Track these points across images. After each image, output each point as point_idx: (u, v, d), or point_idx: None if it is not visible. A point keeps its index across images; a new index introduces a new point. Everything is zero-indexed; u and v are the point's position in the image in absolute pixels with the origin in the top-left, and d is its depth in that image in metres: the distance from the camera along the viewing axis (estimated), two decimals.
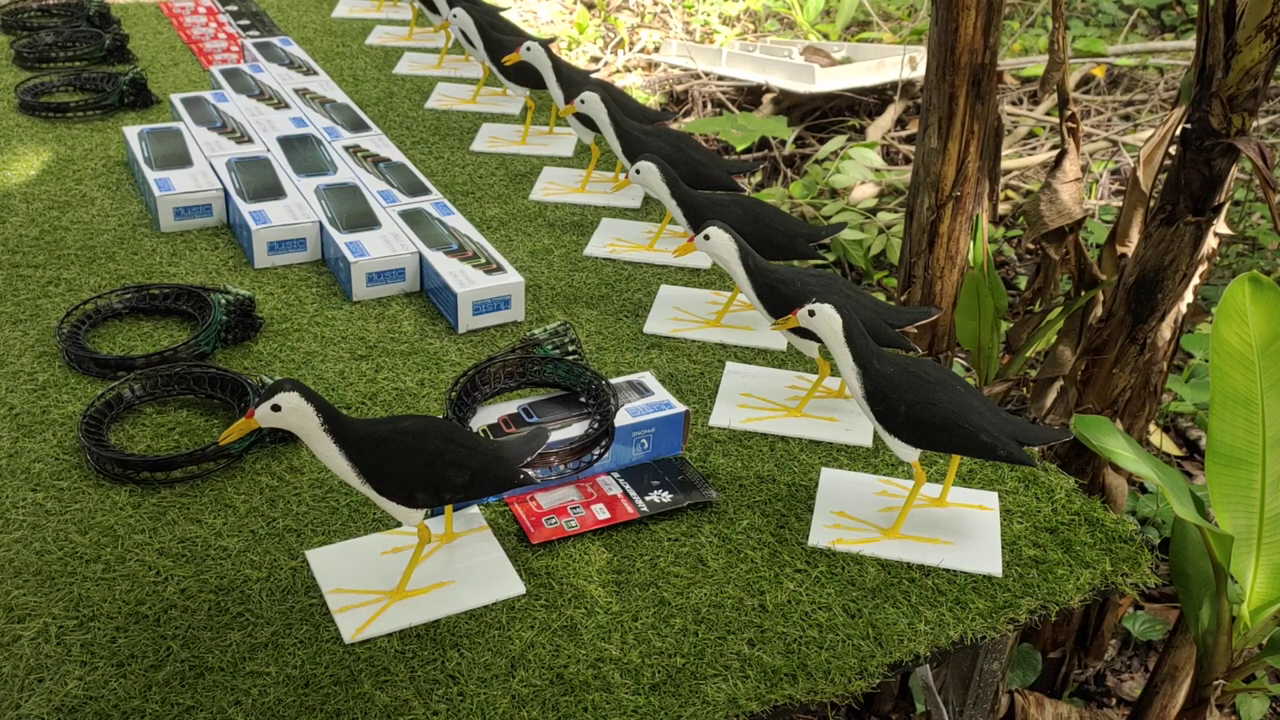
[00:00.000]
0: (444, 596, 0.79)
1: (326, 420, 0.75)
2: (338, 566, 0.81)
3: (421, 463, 0.78)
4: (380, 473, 0.77)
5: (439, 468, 0.78)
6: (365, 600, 0.78)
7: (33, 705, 0.68)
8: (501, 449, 0.82)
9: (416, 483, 0.78)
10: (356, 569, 0.81)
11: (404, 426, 0.79)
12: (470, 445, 0.80)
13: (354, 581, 0.80)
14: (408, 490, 0.78)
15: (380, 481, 0.77)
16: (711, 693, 0.71)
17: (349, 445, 0.76)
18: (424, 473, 0.78)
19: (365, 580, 0.80)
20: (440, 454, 0.78)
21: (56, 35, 1.67)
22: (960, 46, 1.38)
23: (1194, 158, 1.23)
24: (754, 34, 3.76)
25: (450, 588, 0.80)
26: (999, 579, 0.82)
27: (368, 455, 0.77)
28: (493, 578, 0.81)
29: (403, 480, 0.78)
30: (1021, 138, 3.02)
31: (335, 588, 0.79)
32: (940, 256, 1.50)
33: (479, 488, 0.79)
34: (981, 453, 0.80)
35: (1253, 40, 1.15)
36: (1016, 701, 1.23)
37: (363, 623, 0.76)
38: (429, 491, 0.78)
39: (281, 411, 0.74)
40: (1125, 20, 3.64)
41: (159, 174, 1.25)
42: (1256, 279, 1.01)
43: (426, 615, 0.77)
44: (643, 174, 1.10)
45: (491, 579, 0.81)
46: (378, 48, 1.79)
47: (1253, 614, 1.03)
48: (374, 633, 0.75)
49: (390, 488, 0.77)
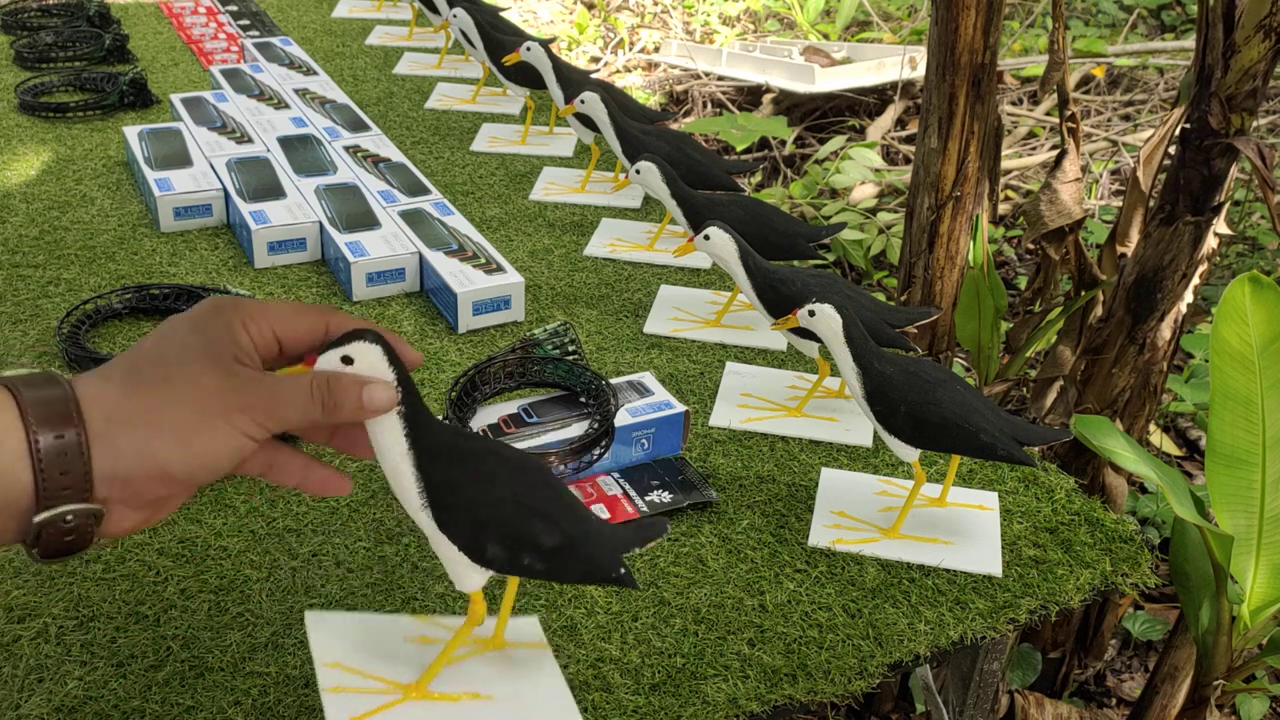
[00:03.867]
0: (476, 713, 0.62)
1: (407, 404, 0.58)
2: (343, 638, 0.65)
3: (508, 503, 0.60)
4: (451, 501, 0.59)
5: (528, 518, 0.61)
6: (369, 688, 0.62)
7: (33, 705, 0.68)
8: (607, 526, 0.65)
9: (494, 528, 0.60)
10: (368, 647, 0.65)
11: (500, 449, 0.62)
12: (571, 505, 0.63)
13: (360, 661, 0.63)
14: (477, 535, 0.60)
15: (448, 512, 0.59)
16: (711, 693, 0.71)
17: (423, 448, 0.59)
18: (507, 517, 0.60)
19: (375, 664, 0.63)
20: (534, 501, 0.61)
21: (56, 35, 1.67)
22: (960, 46, 1.38)
23: (1193, 158, 1.23)
24: (754, 34, 3.76)
25: (487, 705, 0.63)
26: (999, 579, 0.82)
27: (442, 469, 0.59)
28: (544, 708, 0.63)
29: (477, 519, 0.60)
30: (1021, 138, 3.02)
31: (334, 661, 0.63)
32: (940, 256, 1.50)
33: (565, 564, 0.62)
34: (981, 453, 0.80)
35: (1252, 40, 1.16)
36: (1016, 701, 1.23)
37: (359, 714, 0.61)
38: (505, 545, 0.60)
39: (354, 367, 0.58)
40: (1125, 20, 3.64)
41: (159, 174, 1.25)
42: (1256, 279, 1.01)
43: None
44: (643, 174, 1.10)
45: (542, 709, 0.63)
46: (378, 48, 1.79)
47: (1253, 614, 1.03)
48: None
49: (458, 524, 0.60)
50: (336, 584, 0.78)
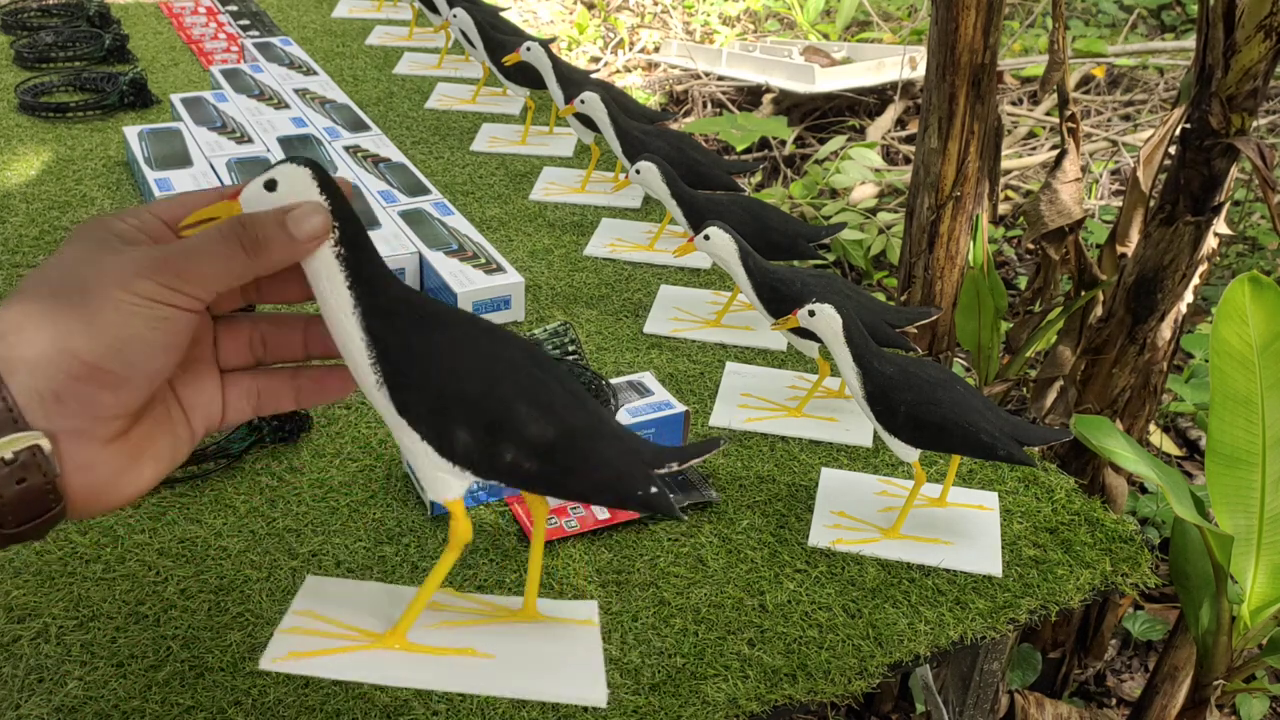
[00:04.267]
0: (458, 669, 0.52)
1: (346, 240, 0.49)
2: (331, 594, 0.57)
3: (481, 379, 0.48)
4: (410, 369, 0.48)
5: (508, 400, 0.48)
6: (330, 632, 0.54)
7: (33, 705, 0.68)
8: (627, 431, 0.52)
9: (462, 410, 0.48)
10: (354, 604, 0.56)
11: (476, 319, 0.51)
12: (577, 396, 0.51)
13: (337, 613, 0.55)
14: (443, 419, 0.48)
15: (405, 386, 0.48)
16: (711, 693, 0.71)
17: (373, 304, 0.49)
18: (482, 395, 0.48)
19: (353, 618, 0.55)
20: (520, 379, 0.49)
21: (56, 35, 1.67)
22: (960, 46, 1.38)
23: (1194, 158, 1.23)
24: (754, 34, 3.76)
25: (478, 662, 0.53)
26: (999, 579, 0.82)
27: (397, 332, 0.49)
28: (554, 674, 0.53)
29: (441, 397, 0.48)
30: (1021, 138, 3.02)
31: (306, 609, 0.55)
32: (940, 256, 1.50)
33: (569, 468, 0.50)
34: (981, 453, 0.80)
35: (1252, 40, 1.16)
36: (1016, 701, 1.23)
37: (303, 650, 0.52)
38: (479, 434, 0.49)
39: (276, 193, 0.49)
40: (1125, 20, 3.64)
41: (159, 174, 1.25)
42: (1256, 279, 1.01)
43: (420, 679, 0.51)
44: (643, 174, 1.10)
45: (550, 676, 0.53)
46: (378, 48, 1.79)
47: (1253, 614, 1.03)
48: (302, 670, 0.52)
49: (419, 403, 0.48)
50: None
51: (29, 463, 0.45)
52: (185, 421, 0.53)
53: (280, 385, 0.55)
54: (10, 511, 0.46)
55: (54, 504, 0.46)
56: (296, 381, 0.56)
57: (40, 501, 0.46)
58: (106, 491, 0.48)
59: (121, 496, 0.49)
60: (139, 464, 0.49)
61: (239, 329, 0.55)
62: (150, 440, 0.50)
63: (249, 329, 0.55)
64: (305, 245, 0.50)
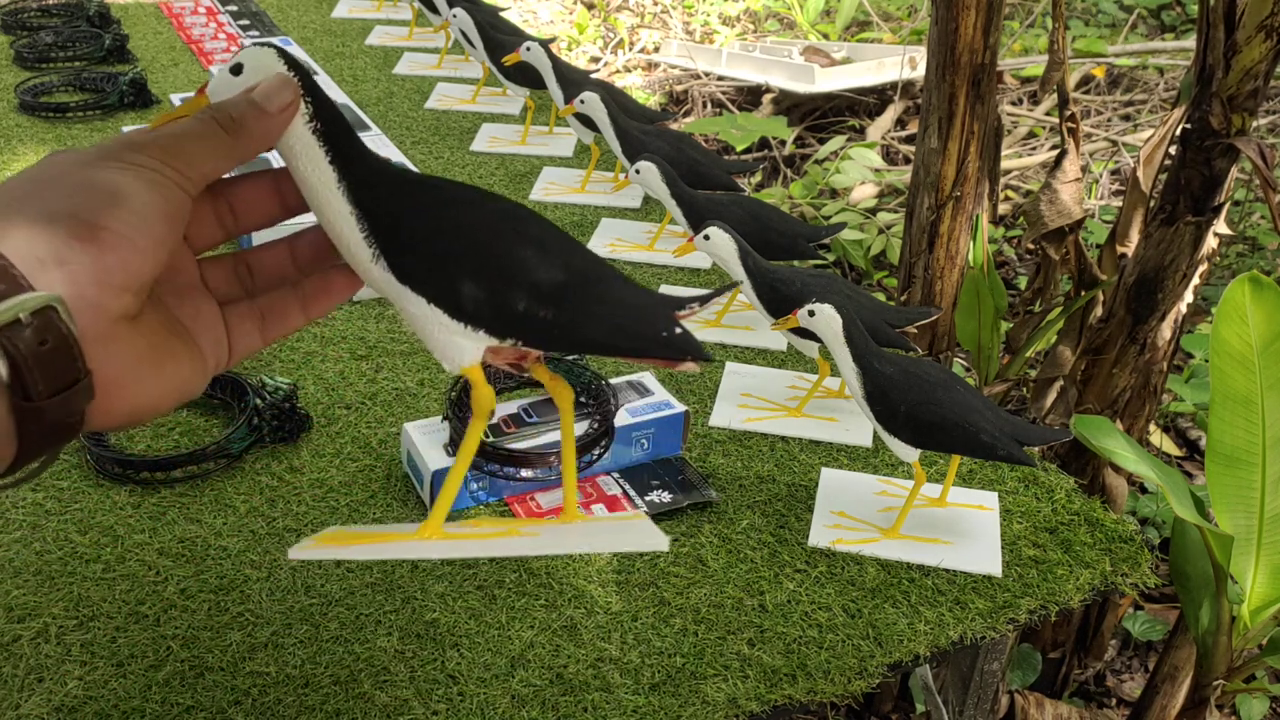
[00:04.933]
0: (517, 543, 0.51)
1: (320, 116, 0.48)
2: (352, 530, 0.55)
3: (480, 231, 0.47)
4: (403, 233, 0.47)
5: (511, 246, 0.47)
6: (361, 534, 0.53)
7: (33, 705, 0.68)
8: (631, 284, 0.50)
9: (466, 263, 0.47)
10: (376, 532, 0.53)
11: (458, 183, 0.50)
12: (575, 245, 0.49)
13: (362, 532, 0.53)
14: (446, 276, 0.47)
15: (400, 251, 0.47)
16: (711, 693, 0.71)
17: (357, 178, 0.48)
18: (483, 243, 0.47)
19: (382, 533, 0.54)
20: (519, 228, 0.48)
21: (56, 35, 1.67)
22: (960, 46, 1.38)
23: (1194, 158, 1.23)
24: (754, 34, 3.76)
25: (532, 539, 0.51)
26: (999, 579, 0.82)
27: (384, 200, 0.47)
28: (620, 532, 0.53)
29: (441, 252, 0.47)
30: (1021, 138, 3.02)
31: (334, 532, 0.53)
32: (940, 256, 1.50)
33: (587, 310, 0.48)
34: (981, 453, 0.80)
35: (1253, 40, 1.16)
36: (1016, 702, 1.23)
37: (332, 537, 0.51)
38: (486, 286, 0.47)
39: (242, 76, 0.48)
40: (1125, 20, 3.64)
41: None
42: (1256, 279, 1.01)
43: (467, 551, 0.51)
44: (643, 174, 1.10)
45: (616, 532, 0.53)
46: (378, 48, 1.79)
47: (1253, 614, 1.03)
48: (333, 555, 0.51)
49: (418, 265, 0.47)
50: (336, 584, 0.78)
51: (47, 324, 0.41)
52: (196, 348, 0.50)
53: (283, 300, 0.54)
54: (39, 374, 0.41)
55: (81, 372, 0.42)
56: (299, 292, 0.54)
57: (68, 365, 0.42)
58: (128, 383, 0.45)
59: (145, 397, 0.46)
60: (157, 355, 0.46)
61: (222, 264, 0.54)
62: (165, 341, 0.47)
63: (231, 262, 0.54)
64: (278, 118, 0.49)
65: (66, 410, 0.42)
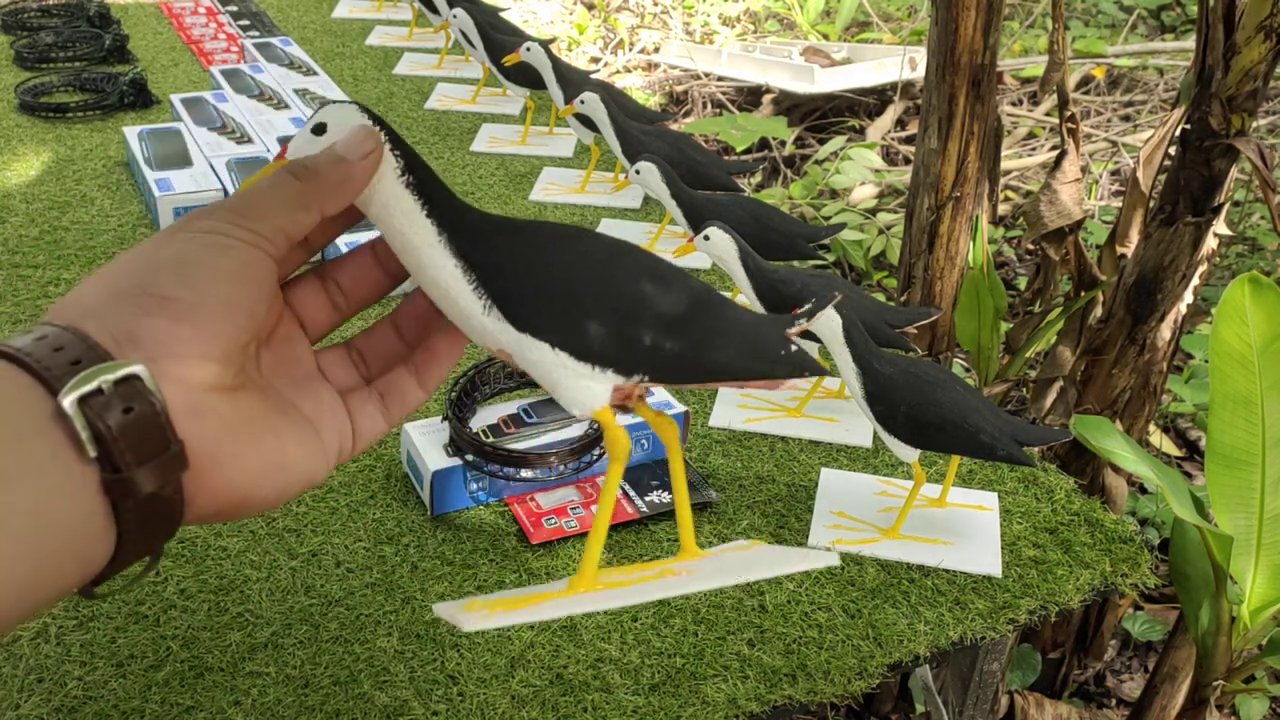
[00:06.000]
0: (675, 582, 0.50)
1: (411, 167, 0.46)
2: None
3: (593, 269, 0.45)
4: (515, 281, 0.45)
5: (629, 280, 0.46)
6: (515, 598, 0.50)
7: (32, 705, 0.68)
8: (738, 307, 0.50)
9: (586, 303, 0.45)
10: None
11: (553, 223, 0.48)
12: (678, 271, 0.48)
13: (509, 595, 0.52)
14: (568, 319, 0.45)
15: (515, 299, 0.45)
16: (711, 693, 0.71)
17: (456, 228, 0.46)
18: (599, 279, 0.45)
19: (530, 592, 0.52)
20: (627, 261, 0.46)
21: (56, 35, 1.67)
22: (960, 47, 1.38)
23: (1194, 158, 1.23)
24: (754, 34, 3.76)
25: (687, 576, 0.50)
26: (999, 579, 0.82)
27: (488, 248, 0.45)
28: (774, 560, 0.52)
29: (559, 294, 0.45)
30: (1021, 138, 3.02)
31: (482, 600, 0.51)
32: (940, 257, 1.50)
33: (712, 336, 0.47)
34: (981, 453, 0.80)
35: (1252, 41, 1.16)
36: (1016, 702, 1.23)
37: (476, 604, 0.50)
38: (611, 323, 0.45)
39: (326, 135, 0.46)
40: (1125, 21, 3.64)
41: (159, 174, 1.25)
42: (1256, 279, 1.01)
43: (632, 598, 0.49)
44: (643, 174, 1.10)
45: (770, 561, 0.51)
46: (378, 48, 1.79)
47: (1252, 614, 1.03)
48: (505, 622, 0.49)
49: (536, 312, 0.45)
50: (337, 584, 0.78)
51: (131, 393, 0.40)
52: (312, 433, 0.48)
53: (398, 378, 0.53)
54: (125, 444, 0.39)
55: (172, 442, 0.41)
56: (411, 366, 0.53)
57: (155, 435, 0.40)
58: (224, 453, 0.43)
59: (243, 467, 0.44)
60: (255, 430, 0.44)
61: (335, 354, 0.54)
62: (267, 419, 0.45)
63: (344, 350, 0.54)
64: (358, 165, 0.47)
65: (160, 480, 0.40)
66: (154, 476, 0.40)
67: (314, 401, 0.50)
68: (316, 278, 0.52)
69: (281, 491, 0.45)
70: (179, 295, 0.42)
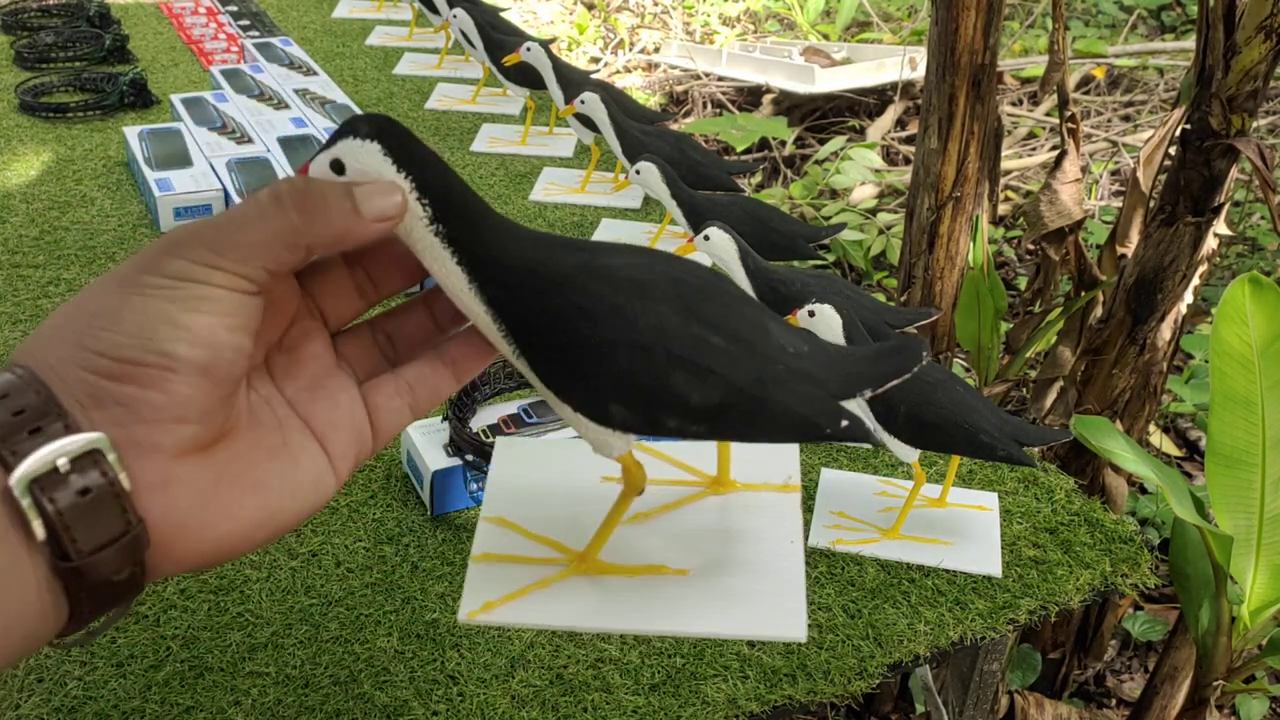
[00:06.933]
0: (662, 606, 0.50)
1: (443, 215, 0.43)
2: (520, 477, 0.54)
3: (628, 350, 0.44)
4: (544, 341, 0.44)
5: (662, 367, 0.44)
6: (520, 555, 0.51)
7: (32, 705, 0.68)
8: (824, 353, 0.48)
9: (613, 388, 0.44)
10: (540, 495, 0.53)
11: (614, 264, 0.45)
12: (735, 330, 0.46)
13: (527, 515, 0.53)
14: (593, 395, 0.45)
15: (542, 358, 0.44)
16: (711, 693, 0.71)
17: (488, 276, 0.44)
18: (629, 367, 0.44)
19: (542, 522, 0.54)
20: (673, 343, 0.44)
21: (56, 35, 1.67)
22: (960, 47, 1.38)
23: (1194, 158, 1.23)
24: (754, 34, 3.76)
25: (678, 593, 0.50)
26: (999, 579, 0.82)
27: (522, 302, 0.44)
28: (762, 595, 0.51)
29: (588, 374, 0.44)
30: (1021, 138, 3.02)
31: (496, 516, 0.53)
32: (940, 257, 1.50)
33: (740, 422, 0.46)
34: (981, 453, 0.80)
35: (1252, 41, 1.16)
36: (1016, 702, 1.23)
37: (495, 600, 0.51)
38: (635, 407, 0.45)
39: (345, 176, 0.44)
40: (1125, 21, 3.64)
41: (159, 174, 1.25)
42: (1256, 280, 1.01)
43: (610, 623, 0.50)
44: (643, 174, 1.10)
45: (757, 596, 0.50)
46: (378, 48, 1.79)
47: (1253, 614, 1.03)
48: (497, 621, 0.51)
49: (562, 376, 0.45)
50: (337, 584, 0.78)
51: (90, 468, 0.37)
52: (318, 447, 0.45)
53: (431, 368, 0.49)
54: (79, 531, 0.37)
55: (132, 524, 0.38)
56: (446, 356, 0.50)
57: (113, 516, 0.38)
58: (193, 523, 0.40)
59: (216, 533, 0.41)
60: (233, 491, 0.41)
61: (359, 337, 0.50)
62: (246, 462, 0.42)
63: (369, 332, 0.50)
64: (372, 226, 0.43)
65: (116, 565, 0.38)
66: (110, 562, 0.38)
67: (327, 408, 0.47)
68: (344, 263, 0.49)
69: (269, 538, 0.43)
70: (146, 361, 0.39)
